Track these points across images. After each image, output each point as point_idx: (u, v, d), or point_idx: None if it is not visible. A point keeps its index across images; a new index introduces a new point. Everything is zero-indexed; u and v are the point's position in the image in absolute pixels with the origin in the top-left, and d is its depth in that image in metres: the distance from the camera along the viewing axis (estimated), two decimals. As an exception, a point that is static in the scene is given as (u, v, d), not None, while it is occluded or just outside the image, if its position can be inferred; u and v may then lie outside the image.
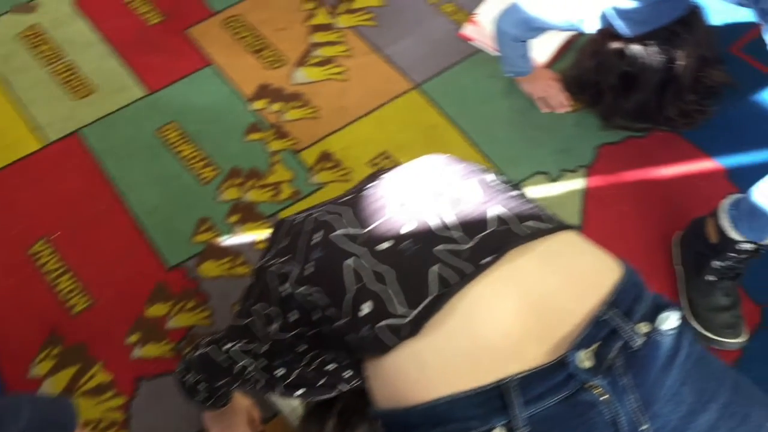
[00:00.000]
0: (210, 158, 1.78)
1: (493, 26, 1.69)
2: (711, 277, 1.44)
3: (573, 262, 0.84)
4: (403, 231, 0.87)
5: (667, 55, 1.56)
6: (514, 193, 0.93)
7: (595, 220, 1.63)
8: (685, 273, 1.51)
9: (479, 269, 0.80)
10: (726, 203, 1.38)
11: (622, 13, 1.45)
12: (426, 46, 1.95)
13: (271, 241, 1.02)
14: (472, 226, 0.85)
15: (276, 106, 1.86)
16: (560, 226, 0.87)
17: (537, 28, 1.62)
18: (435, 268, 0.81)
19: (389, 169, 1.02)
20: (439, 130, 1.79)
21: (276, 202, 1.70)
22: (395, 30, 1.99)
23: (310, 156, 1.77)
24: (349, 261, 0.86)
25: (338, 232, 0.90)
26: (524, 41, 1.68)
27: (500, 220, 0.86)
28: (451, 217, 0.87)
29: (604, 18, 1.50)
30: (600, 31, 1.57)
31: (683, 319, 0.78)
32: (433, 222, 0.87)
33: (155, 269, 1.61)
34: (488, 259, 0.81)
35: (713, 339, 1.44)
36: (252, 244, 1.64)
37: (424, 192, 0.92)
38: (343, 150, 1.78)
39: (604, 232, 1.60)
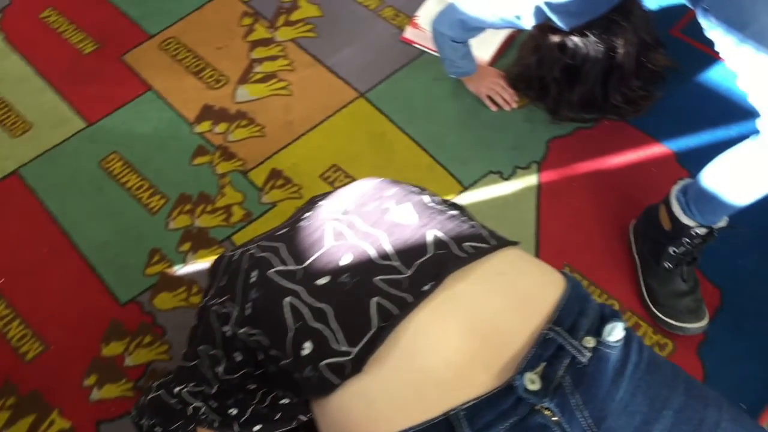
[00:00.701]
0: (157, 186, 1.73)
1: (430, 29, 1.67)
2: (668, 264, 1.44)
3: (515, 281, 0.82)
4: (341, 263, 0.85)
5: (608, 44, 1.55)
6: (453, 212, 0.91)
7: (552, 214, 1.61)
8: (643, 261, 1.51)
9: (419, 298, 0.78)
10: (675, 189, 1.38)
11: (555, 8, 1.44)
12: (368, 53, 1.92)
13: (211, 279, 0.99)
14: (410, 252, 0.83)
15: (221, 127, 1.82)
16: (501, 244, 0.85)
17: (474, 28, 1.60)
18: (375, 300, 0.79)
19: (324, 196, 0.99)
20: (388, 138, 1.77)
21: (228, 226, 1.66)
22: (336, 39, 1.96)
23: (259, 175, 1.73)
24: (288, 299, 0.84)
25: (275, 269, 0.87)
26: (463, 42, 1.66)
27: (439, 243, 0.84)
28: (389, 245, 0.85)
29: (540, 13, 1.48)
30: (539, 26, 1.55)
31: (628, 329, 0.77)
32: (371, 251, 0.85)
33: (108, 306, 1.56)
34: (427, 286, 0.79)
35: (676, 326, 1.44)
36: (206, 272, 1.60)
37: (360, 220, 0.89)
38: (292, 166, 1.74)
39: (561, 225, 1.59)
